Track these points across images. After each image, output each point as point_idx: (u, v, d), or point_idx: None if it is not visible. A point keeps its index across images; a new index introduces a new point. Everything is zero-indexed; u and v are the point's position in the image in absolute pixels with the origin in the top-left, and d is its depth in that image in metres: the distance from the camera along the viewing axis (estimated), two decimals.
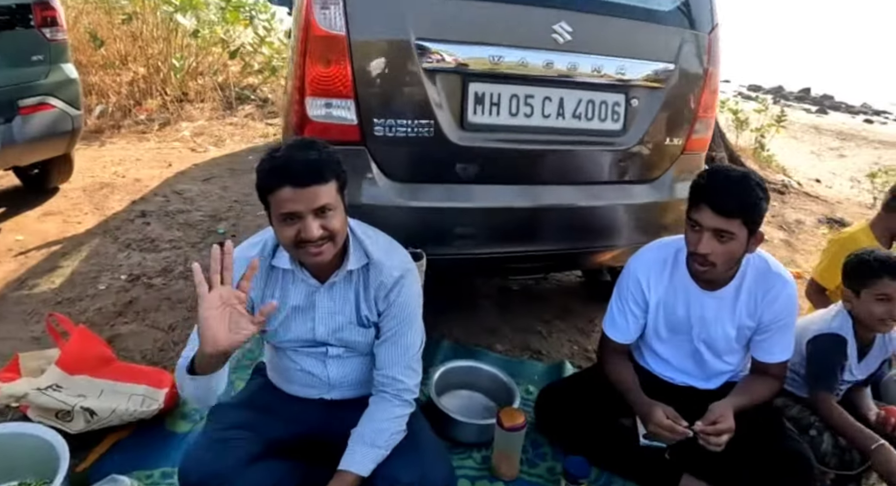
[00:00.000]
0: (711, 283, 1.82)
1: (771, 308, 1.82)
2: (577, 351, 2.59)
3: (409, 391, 1.52)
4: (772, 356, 1.88)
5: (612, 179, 2.22)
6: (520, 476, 1.84)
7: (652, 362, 2.04)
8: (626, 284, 1.93)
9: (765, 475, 1.76)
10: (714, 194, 1.62)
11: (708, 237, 1.64)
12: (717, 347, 1.90)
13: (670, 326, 1.92)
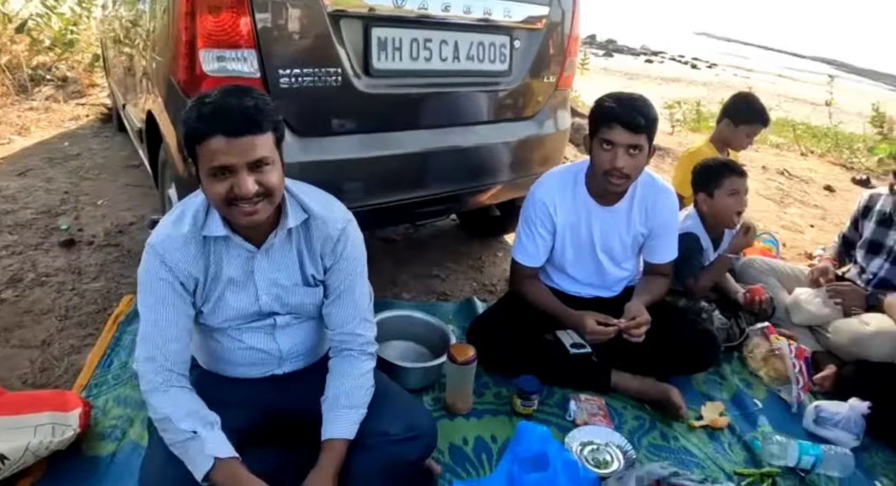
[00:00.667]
0: (609, 199, 2.04)
1: (660, 215, 2.09)
2: (477, 287, 2.71)
3: (371, 344, 1.50)
4: (662, 257, 2.18)
5: (501, 117, 2.34)
6: (473, 408, 1.92)
7: (560, 281, 2.22)
8: (531, 210, 2.07)
9: (680, 354, 2.07)
10: (625, 114, 1.80)
11: (622, 153, 1.82)
12: (616, 256, 2.15)
13: (576, 243, 2.11)
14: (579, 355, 2.08)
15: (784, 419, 2.18)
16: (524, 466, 1.46)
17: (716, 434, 2.05)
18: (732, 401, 2.23)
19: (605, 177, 1.90)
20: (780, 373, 2.37)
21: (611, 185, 1.92)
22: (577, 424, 1.92)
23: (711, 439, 2.03)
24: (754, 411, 2.20)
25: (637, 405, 2.09)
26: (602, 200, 2.05)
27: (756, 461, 1.96)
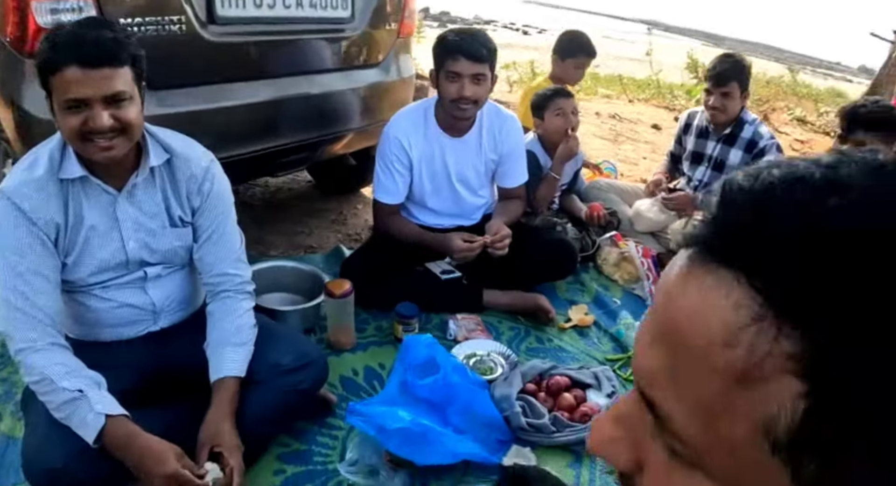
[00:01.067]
0: (459, 130, 2.12)
1: (507, 141, 2.21)
2: (343, 238, 2.70)
3: (248, 283, 1.46)
4: (514, 181, 2.30)
5: (348, 64, 2.33)
6: (357, 343, 1.93)
7: (421, 215, 2.28)
8: (387, 149, 2.11)
9: (542, 263, 2.22)
10: (468, 45, 1.90)
11: (468, 82, 1.92)
12: (472, 184, 2.24)
13: (432, 176, 2.17)
14: (450, 279, 2.15)
15: (641, 312, 2.40)
16: (416, 373, 1.49)
17: (584, 331, 2.23)
18: (594, 303, 2.42)
19: (454, 105, 1.97)
20: (633, 274, 2.61)
21: (459, 111, 1.99)
22: (459, 341, 1.99)
23: (581, 336, 2.20)
24: (615, 308, 2.40)
25: (510, 317, 2.21)
26: (453, 132, 2.12)
27: (623, 348, 2.15)
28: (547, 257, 2.28)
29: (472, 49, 1.91)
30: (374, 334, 2.01)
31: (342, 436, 1.55)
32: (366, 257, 2.20)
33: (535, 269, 2.27)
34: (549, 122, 2.55)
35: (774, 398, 0.26)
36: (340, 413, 1.62)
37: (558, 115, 2.52)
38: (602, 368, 1.92)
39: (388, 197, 2.16)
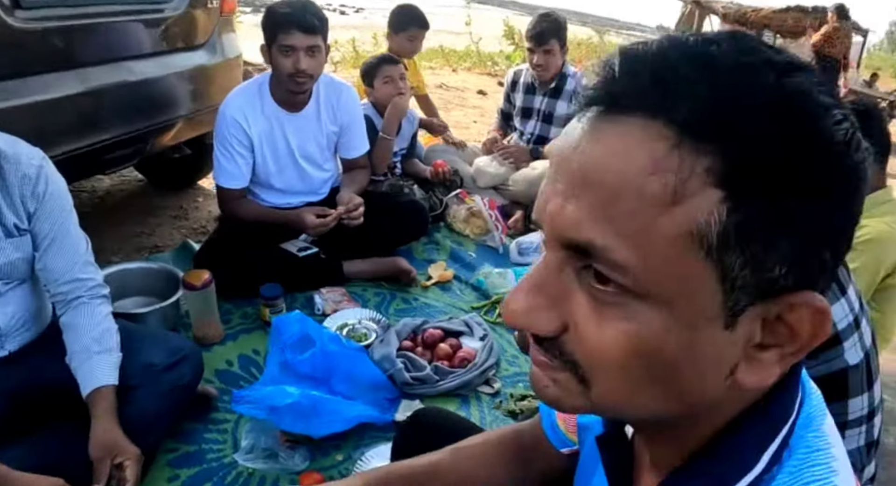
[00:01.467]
0: (297, 104, 2.09)
1: (346, 111, 2.22)
2: (188, 233, 2.56)
3: (102, 286, 1.35)
4: (357, 151, 2.33)
5: (171, 47, 2.18)
6: (225, 333, 1.86)
7: (268, 196, 2.23)
8: (225, 131, 2.03)
9: (396, 225, 2.29)
10: (300, 17, 1.86)
11: (303, 55, 1.88)
12: (316, 159, 2.23)
13: (275, 154, 2.13)
14: (309, 256, 2.14)
15: (496, 260, 2.57)
16: (293, 350, 1.48)
17: (446, 286, 2.34)
18: (451, 258, 2.54)
19: (290, 80, 1.93)
20: (482, 227, 2.77)
21: (296, 85, 1.96)
22: (328, 314, 2.00)
23: (444, 290, 2.32)
24: (470, 260, 2.54)
25: (374, 284, 2.26)
26: (290, 107, 2.08)
27: (485, 295, 2.29)
28: (400, 221, 2.35)
29: (304, 21, 1.87)
30: (241, 321, 1.95)
31: (230, 428, 1.50)
32: (218, 245, 2.11)
33: (390, 233, 2.33)
34: (378, 89, 2.59)
35: (702, 209, 0.33)
36: (223, 406, 1.57)
37: (387, 82, 2.56)
38: (470, 315, 2.05)
39: (233, 181, 2.08)
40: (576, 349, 0.39)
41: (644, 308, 0.36)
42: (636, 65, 0.36)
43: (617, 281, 0.36)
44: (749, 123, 0.33)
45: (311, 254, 2.15)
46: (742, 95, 0.33)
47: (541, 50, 2.88)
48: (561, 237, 0.38)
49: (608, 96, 0.36)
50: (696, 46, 0.36)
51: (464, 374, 1.69)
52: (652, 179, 0.33)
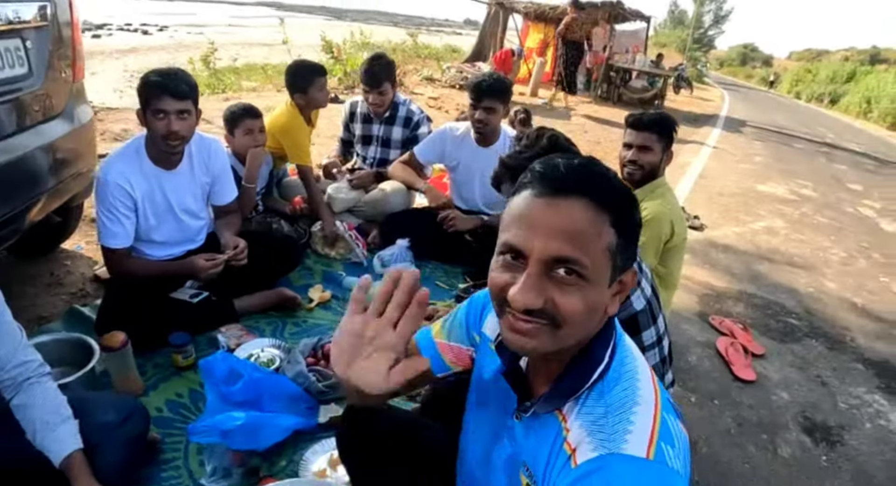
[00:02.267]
0: (172, 162, 2.30)
1: (216, 163, 2.46)
2: (68, 298, 2.63)
3: (43, 364, 1.49)
4: (228, 197, 2.59)
5: (33, 122, 2.22)
6: (146, 384, 2.06)
7: (149, 250, 2.41)
8: (109, 196, 2.18)
9: (276, 259, 2.61)
10: (171, 84, 2.07)
11: (175, 119, 2.10)
12: (194, 210, 2.46)
13: (156, 211, 2.32)
14: (201, 300, 2.38)
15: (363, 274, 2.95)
16: (226, 383, 1.77)
17: (327, 305, 2.71)
18: (325, 280, 2.90)
19: (165, 141, 2.14)
20: (345, 247, 3.15)
21: (170, 147, 2.17)
22: (233, 349, 2.27)
23: (327, 310, 2.68)
24: (341, 279, 2.91)
25: (265, 315, 2.56)
26: (167, 166, 2.28)
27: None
28: (276, 255, 2.66)
29: (175, 87, 2.07)
30: (155, 371, 2.15)
31: (182, 463, 1.74)
32: (114, 306, 2.26)
33: (270, 267, 2.63)
34: (238, 139, 2.85)
35: (609, 237, 0.82)
36: (170, 447, 1.79)
37: (247, 134, 2.83)
38: None
39: (119, 241, 2.23)
40: (555, 312, 0.81)
41: (588, 286, 0.82)
42: (569, 171, 0.83)
43: (579, 273, 0.81)
44: (618, 201, 0.83)
45: (204, 298, 2.39)
46: (613, 188, 0.83)
47: (375, 91, 3.30)
48: (548, 257, 0.80)
49: (560, 185, 0.82)
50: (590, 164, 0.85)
51: None
52: (592, 227, 0.81)
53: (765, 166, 8.52)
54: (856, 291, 4.21)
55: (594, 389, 0.87)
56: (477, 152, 3.22)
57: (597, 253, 0.81)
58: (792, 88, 38.15)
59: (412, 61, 14.89)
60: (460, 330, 1.18)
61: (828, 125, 18.29)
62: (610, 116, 10.72)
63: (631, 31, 15.31)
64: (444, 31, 43.04)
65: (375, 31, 17.69)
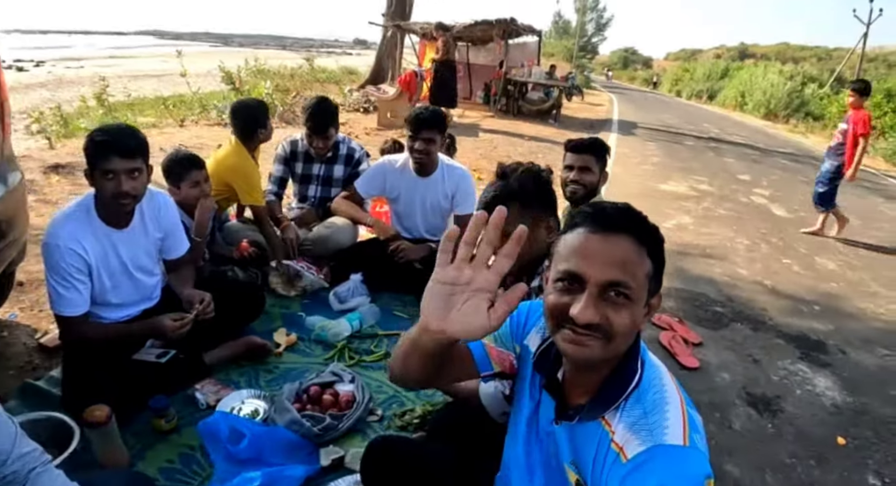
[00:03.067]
0: (123, 221, 2.23)
1: (166, 218, 2.42)
2: (16, 373, 2.49)
3: (43, 452, 1.43)
4: (180, 251, 2.54)
5: None
6: (131, 455, 1.98)
7: (106, 313, 2.33)
8: (60, 262, 2.08)
9: (241, 307, 2.61)
10: (118, 143, 2.02)
11: (125, 178, 2.05)
12: (148, 268, 2.41)
13: (111, 272, 2.25)
14: (170, 359, 2.32)
15: (327, 314, 2.99)
16: (230, 443, 1.76)
17: (296, 348, 2.73)
18: (286, 323, 2.90)
19: (116, 201, 2.08)
20: (303, 284, 3.17)
21: (122, 207, 2.12)
22: (213, 405, 2.24)
23: (296, 353, 2.70)
24: (302, 320, 2.93)
25: (236, 366, 2.53)
26: (119, 224, 2.22)
27: (331, 345, 2.72)
28: (239, 303, 2.64)
29: (123, 146, 2.01)
30: (136, 440, 2.06)
31: None
32: (77, 376, 2.17)
33: (235, 316, 2.61)
34: (184, 191, 2.80)
35: (647, 265, 1.02)
36: None
37: (193, 186, 2.79)
38: (331, 366, 2.45)
39: (75, 309, 2.13)
40: (609, 327, 0.98)
41: (633, 305, 0.99)
42: (616, 213, 1.01)
43: (626, 295, 0.97)
44: (652, 238, 1.02)
45: (172, 357, 2.34)
46: (648, 227, 1.04)
47: (320, 137, 3.35)
48: (604, 281, 0.97)
49: (611, 224, 1.00)
50: (629, 208, 1.03)
51: (354, 413, 2.13)
52: (636, 257, 1.00)
53: (663, 166, 9.18)
54: (764, 274, 4.67)
55: (631, 396, 1.03)
56: (417, 183, 3.34)
57: (640, 278, 0.99)
58: (672, 88, 41.06)
59: (311, 86, 14.81)
60: (505, 338, 1.30)
61: (710, 120, 19.86)
62: (514, 128, 11.19)
63: (524, 45, 15.99)
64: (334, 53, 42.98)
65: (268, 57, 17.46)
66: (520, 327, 1.29)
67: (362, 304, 3.10)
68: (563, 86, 14.81)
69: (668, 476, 0.90)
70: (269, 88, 10.12)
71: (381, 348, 2.78)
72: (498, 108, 13.39)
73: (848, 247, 5.80)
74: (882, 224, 7.02)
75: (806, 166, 10.92)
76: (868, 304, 4.33)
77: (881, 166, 12.60)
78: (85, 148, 2.06)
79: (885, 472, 2.48)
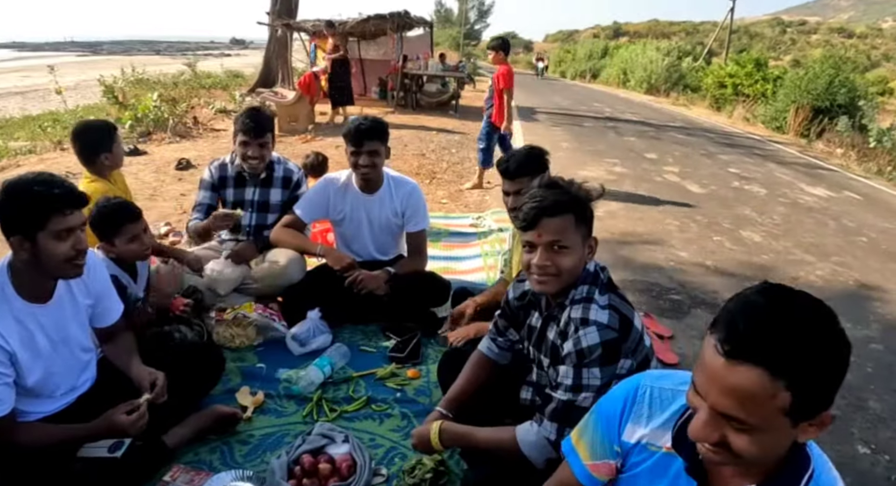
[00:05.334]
0: (47, 294, 1.85)
1: (96, 279, 2.03)
2: None
3: None
4: (115, 314, 2.15)
5: None
6: None
7: (35, 407, 1.93)
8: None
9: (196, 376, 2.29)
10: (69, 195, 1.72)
11: (81, 235, 1.74)
12: (82, 342, 2.01)
13: (38, 358, 1.85)
14: (126, 451, 1.97)
15: (287, 359, 2.70)
16: None
17: (265, 408, 2.40)
18: (245, 379, 2.57)
19: (71, 263, 1.76)
20: (249, 336, 2.83)
21: (76, 269, 1.80)
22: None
23: (267, 414, 2.37)
24: (262, 371, 2.63)
25: (202, 443, 2.18)
26: (41, 298, 1.84)
27: (305, 398, 2.43)
28: (198, 370, 2.29)
29: (74, 197, 1.72)
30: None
31: None
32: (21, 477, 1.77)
33: (194, 387, 2.26)
34: (121, 247, 2.38)
35: (784, 401, 0.79)
36: None
37: (133, 241, 2.39)
38: (318, 425, 2.17)
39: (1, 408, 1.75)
40: (731, 445, 0.87)
41: (760, 432, 0.85)
42: (750, 333, 0.81)
43: (744, 422, 0.84)
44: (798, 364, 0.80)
45: (127, 447, 1.97)
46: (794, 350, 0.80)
47: (256, 143, 3.00)
48: (720, 410, 0.85)
49: (739, 349, 0.81)
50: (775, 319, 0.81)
51: (360, 478, 1.90)
52: (763, 391, 0.81)
53: (574, 151, 9.34)
54: (703, 255, 4.80)
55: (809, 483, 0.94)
56: (363, 201, 3.09)
57: (767, 413, 0.83)
58: (556, 69, 42.41)
59: (197, 94, 13.85)
60: (603, 448, 1.22)
61: (599, 99, 20.64)
62: (417, 122, 11.03)
63: (417, 38, 15.81)
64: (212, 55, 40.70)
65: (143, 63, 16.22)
66: (614, 431, 1.20)
67: (324, 343, 2.82)
68: (458, 76, 14.79)
69: None
70: (156, 100, 9.30)
71: (360, 392, 2.52)
72: (396, 103, 13.13)
73: (763, 216, 6.11)
74: (784, 190, 7.49)
75: (700, 139, 11.56)
76: (800, 272, 4.55)
77: (762, 133, 13.55)
78: (23, 207, 1.68)
79: (870, 439, 2.57)
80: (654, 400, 1.14)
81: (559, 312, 1.70)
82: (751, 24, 52.16)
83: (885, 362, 3.26)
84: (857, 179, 8.86)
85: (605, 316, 1.59)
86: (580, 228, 1.63)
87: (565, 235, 1.61)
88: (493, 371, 2.04)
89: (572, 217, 1.61)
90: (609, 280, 1.71)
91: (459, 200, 5.90)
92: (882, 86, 25.03)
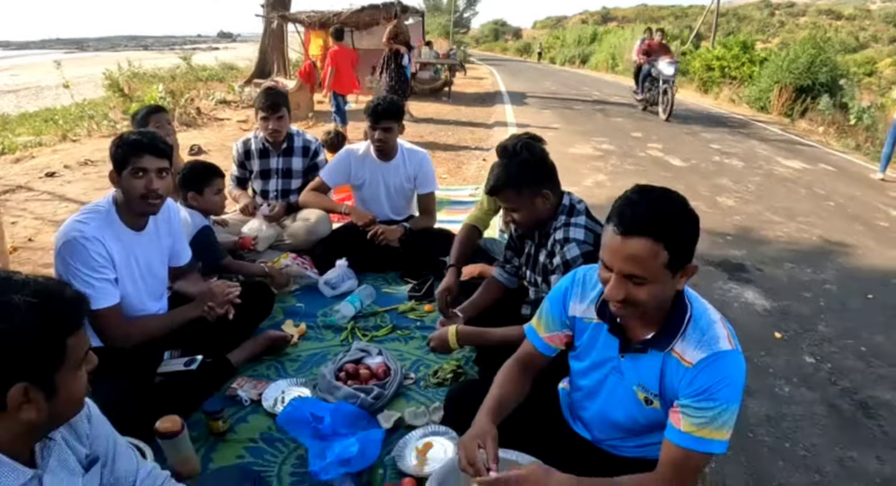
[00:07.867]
0: (143, 225, 2.23)
1: (174, 222, 2.44)
2: None
3: (163, 470, 1.47)
4: (185, 258, 2.55)
5: None
6: None
7: None
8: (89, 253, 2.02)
9: (250, 310, 2.69)
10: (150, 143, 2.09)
11: (155, 177, 2.11)
12: (159, 272, 2.37)
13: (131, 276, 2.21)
14: (199, 364, 2.32)
15: (319, 301, 3.16)
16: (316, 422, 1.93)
17: (308, 337, 2.86)
18: (290, 316, 3.02)
19: (144, 200, 2.10)
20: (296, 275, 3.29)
21: (150, 207, 2.13)
22: (255, 400, 2.33)
23: (310, 340, 2.83)
24: (304, 310, 3.08)
25: (259, 362, 2.62)
26: (137, 227, 2.21)
27: (341, 327, 2.89)
28: (252, 303, 2.72)
29: (154, 145, 2.08)
30: (197, 446, 2.06)
31: None
32: (114, 392, 2.05)
33: (248, 317, 2.70)
34: (209, 198, 2.96)
35: (664, 257, 1.24)
36: None
37: (217, 193, 2.94)
38: (354, 344, 2.62)
39: (111, 298, 2.08)
40: (633, 299, 1.29)
41: (651, 284, 1.28)
42: (636, 216, 1.25)
43: (643, 278, 1.25)
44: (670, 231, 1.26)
45: (200, 361, 2.38)
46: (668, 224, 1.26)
47: (275, 117, 3.45)
48: (625, 273, 1.28)
49: (629, 227, 1.25)
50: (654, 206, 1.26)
51: (395, 379, 2.36)
52: (650, 253, 1.25)
53: (564, 132, 9.77)
54: None
55: (689, 325, 1.36)
56: (380, 168, 3.54)
57: (654, 268, 1.26)
58: (546, 55, 42.67)
59: (194, 86, 14.16)
60: (554, 323, 1.64)
61: (587, 83, 21.01)
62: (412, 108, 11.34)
63: (409, 27, 16.14)
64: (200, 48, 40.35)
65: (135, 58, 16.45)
66: (560, 307, 1.61)
67: (352, 287, 3.27)
68: (450, 63, 15.15)
69: (728, 368, 1.29)
70: (161, 92, 9.68)
71: (386, 322, 2.99)
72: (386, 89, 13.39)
73: (738, 185, 6.59)
74: (760, 163, 7.97)
75: (686, 119, 11.98)
76: (768, 231, 5.03)
77: (746, 112, 13.99)
78: (115, 148, 2.10)
79: (816, 352, 3.10)
80: (588, 282, 1.56)
81: (546, 239, 2.18)
82: (739, 7, 52.58)
83: (837, 298, 3.77)
84: (833, 154, 9.31)
85: (581, 233, 2.07)
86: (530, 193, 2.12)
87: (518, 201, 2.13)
88: (503, 292, 2.51)
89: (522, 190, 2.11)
90: (586, 209, 2.18)
91: (458, 175, 6.35)
92: (869, 67, 25.47)
